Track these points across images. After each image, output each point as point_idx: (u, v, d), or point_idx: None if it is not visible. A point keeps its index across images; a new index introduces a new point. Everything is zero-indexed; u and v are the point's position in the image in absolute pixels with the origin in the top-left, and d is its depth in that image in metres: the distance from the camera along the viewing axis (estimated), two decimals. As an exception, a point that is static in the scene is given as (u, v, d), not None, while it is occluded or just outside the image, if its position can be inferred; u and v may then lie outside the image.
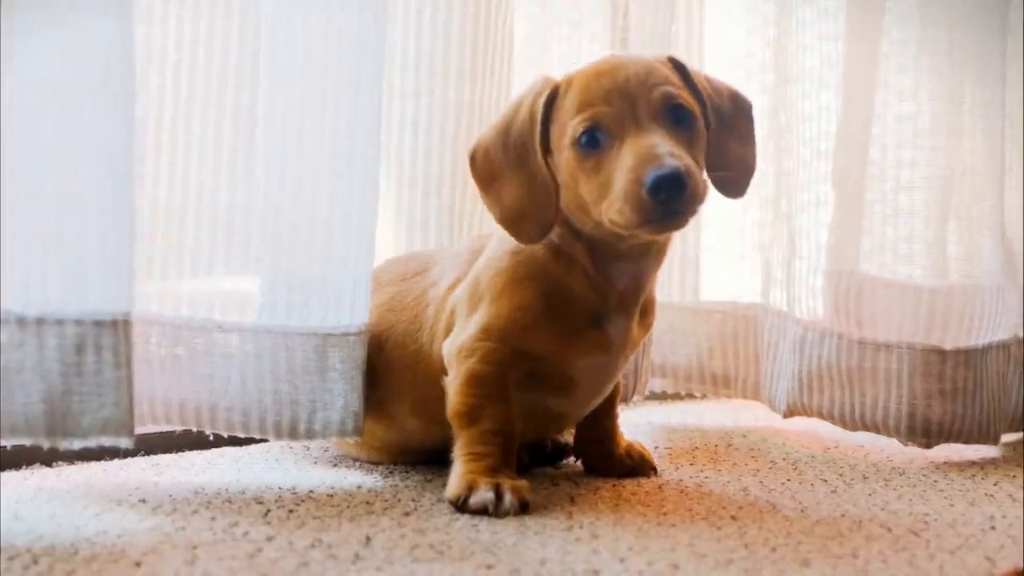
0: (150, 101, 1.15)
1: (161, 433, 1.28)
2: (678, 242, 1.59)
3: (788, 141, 1.50)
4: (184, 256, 1.16)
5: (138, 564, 0.87)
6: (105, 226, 0.99)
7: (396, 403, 1.18)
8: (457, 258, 1.19)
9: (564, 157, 1.06)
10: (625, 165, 1.01)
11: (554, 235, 1.11)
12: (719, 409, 1.71)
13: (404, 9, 1.35)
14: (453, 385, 1.11)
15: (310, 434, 1.15)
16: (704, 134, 1.09)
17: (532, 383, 1.12)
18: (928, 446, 1.39)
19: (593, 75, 1.07)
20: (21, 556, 0.88)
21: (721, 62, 1.61)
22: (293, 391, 1.14)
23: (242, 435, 1.16)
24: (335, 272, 1.15)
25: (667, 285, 1.59)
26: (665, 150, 1.00)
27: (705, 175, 1.08)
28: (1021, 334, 1.49)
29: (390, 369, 1.18)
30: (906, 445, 1.40)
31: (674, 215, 1.00)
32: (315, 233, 1.14)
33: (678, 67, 1.11)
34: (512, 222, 1.09)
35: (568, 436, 1.30)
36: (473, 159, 1.12)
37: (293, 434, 1.15)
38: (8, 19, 0.95)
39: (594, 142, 1.04)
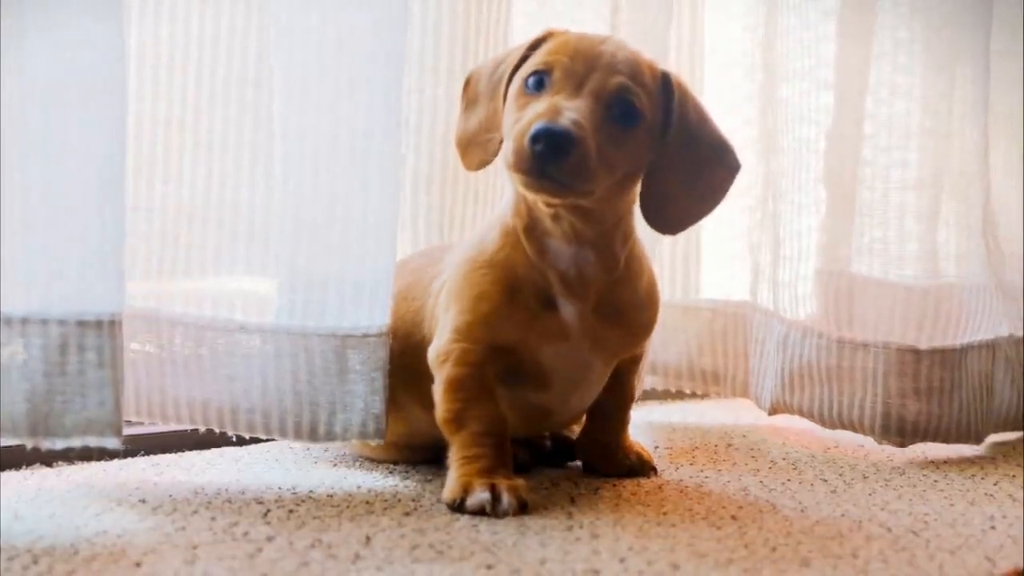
0: (173, 99, 1.15)
1: (161, 433, 1.28)
2: (669, 242, 1.59)
3: (779, 142, 1.49)
4: (206, 255, 1.17)
5: (138, 564, 0.87)
6: (92, 227, 0.99)
7: (404, 391, 1.18)
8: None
9: (511, 92, 1.08)
10: (533, 111, 1.02)
11: (510, 212, 1.12)
12: (719, 409, 1.71)
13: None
14: (437, 392, 1.11)
15: (330, 436, 1.15)
16: (645, 144, 1.07)
17: (511, 378, 1.12)
18: (902, 445, 1.40)
19: (578, 36, 1.09)
20: (21, 556, 0.88)
21: (720, 61, 1.61)
22: (312, 392, 1.14)
23: (263, 436, 1.17)
24: (353, 272, 1.15)
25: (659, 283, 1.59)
26: (569, 114, 1.01)
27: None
28: (1018, 334, 1.49)
29: (401, 356, 1.18)
30: (880, 444, 1.41)
31: (546, 175, 1.00)
32: (333, 232, 1.14)
33: (665, 82, 1.10)
34: (464, 145, 1.14)
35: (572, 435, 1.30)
36: (467, 82, 1.16)
37: (313, 436, 1.15)
38: (4, 19, 0.95)
39: (539, 85, 1.06)
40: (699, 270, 1.63)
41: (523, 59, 1.10)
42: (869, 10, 1.45)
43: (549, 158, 0.99)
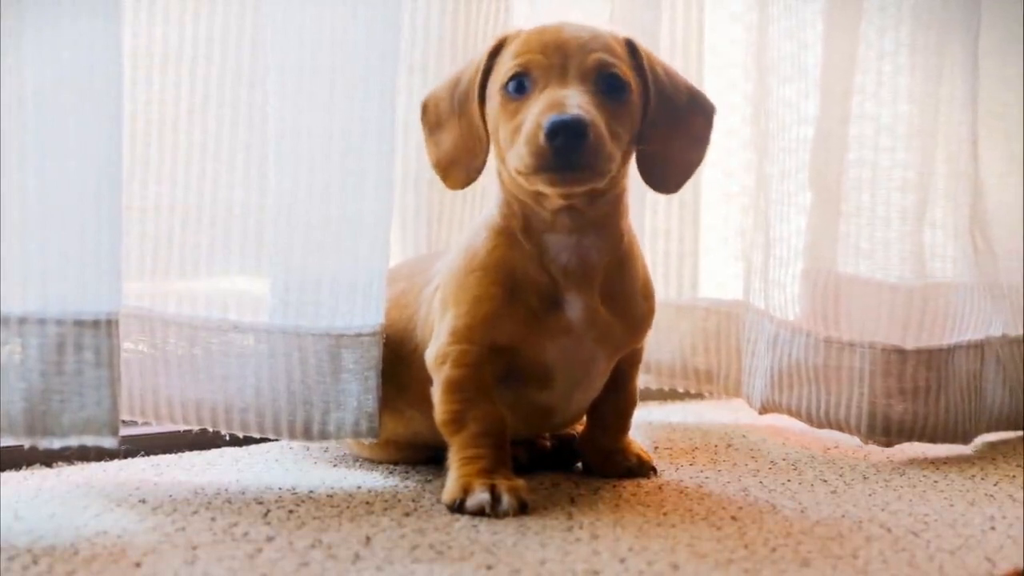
0: (167, 100, 1.15)
1: (161, 433, 1.28)
2: (662, 241, 1.59)
3: (773, 143, 1.49)
4: (200, 255, 1.17)
5: (138, 564, 0.87)
6: (90, 227, 0.99)
7: (401, 395, 1.18)
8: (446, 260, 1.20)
9: (493, 103, 1.08)
10: (534, 111, 1.02)
11: (498, 213, 1.12)
12: (719, 409, 1.70)
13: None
14: (435, 394, 1.11)
15: (324, 435, 1.16)
16: (636, 111, 1.09)
17: (512, 378, 1.12)
18: (888, 444, 1.40)
19: (538, 30, 1.09)
20: (21, 556, 0.88)
21: (721, 61, 1.61)
22: (306, 391, 1.15)
23: (257, 435, 1.17)
24: (348, 271, 1.15)
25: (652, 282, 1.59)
26: (574, 102, 1.01)
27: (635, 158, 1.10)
28: (1011, 334, 1.49)
29: (396, 363, 1.18)
30: (866, 443, 1.41)
31: (571, 166, 1.00)
32: (328, 232, 1.14)
33: (631, 48, 1.11)
34: (444, 167, 1.13)
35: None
36: (425, 107, 1.15)
37: (307, 435, 1.16)
38: (4, 20, 0.95)
39: (520, 89, 1.06)
40: (696, 269, 1.63)
41: (487, 68, 1.10)
42: (856, 11, 1.45)
43: (570, 148, 0.99)
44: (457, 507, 1.05)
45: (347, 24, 1.13)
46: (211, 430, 1.17)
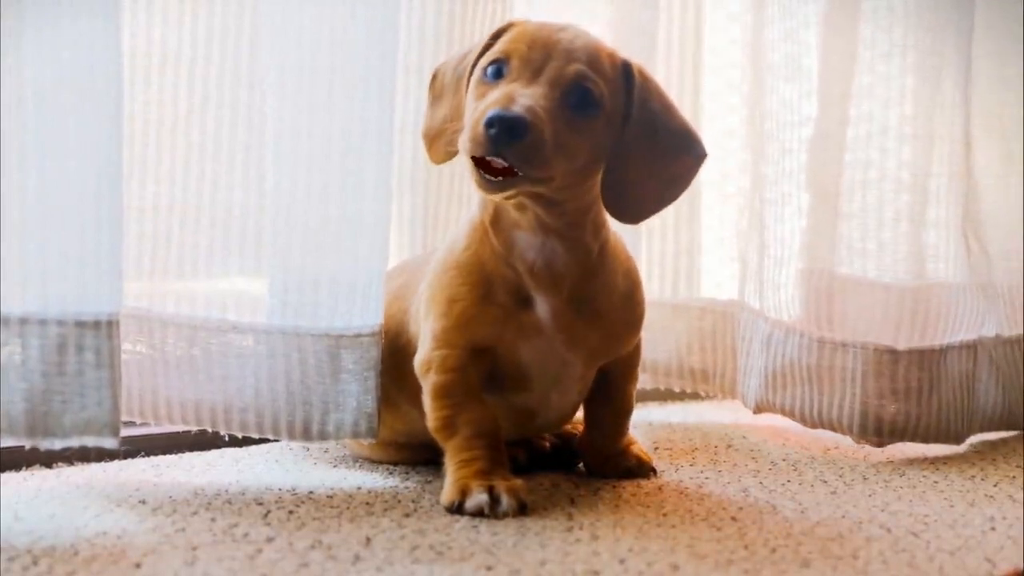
0: (165, 100, 1.15)
1: (161, 434, 1.28)
2: (658, 241, 1.59)
3: (769, 144, 1.49)
4: (199, 256, 1.17)
5: (138, 565, 0.87)
6: (90, 227, 0.99)
7: (398, 391, 1.18)
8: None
9: (472, 83, 1.08)
10: (489, 99, 1.02)
11: (479, 206, 1.12)
12: (719, 409, 1.70)
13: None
14: (425, 401, 1.11)
15: (323, 435, 1.16)
16: (606, 133, 1.07)
17: (491, 382, 1.12)
18: (880, 444, 1.40)
19: (538, 24, 1.09)
20: (21, 557, 0.88)
21: (720, 62, 1.61)
22: (305, 392, 1.15)
23: (256, 436, 1.17)
24: (347, 272, 1.15)
25: (648, 281, 1.59)
26: (524, 100, 1.01)
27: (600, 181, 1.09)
28: (1005, 334, 1.49)
29: (391, 356, 1.18)
30: (858, 443, 1.42)
31: (502, 158, 0.99)
32: (327, 232, 1.14)
33: (626, 71, 1.09)
34: (431, 138, 1.14)
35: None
36: (434, 76, 1.16)
37: (307, 435, 1.16)
38: (4, 20, 0.95)
39: (497, 74, 1.06)
40: (692, 268, 1.63)
41: (486, 49, 1.10)
42: (854, 12, 1.45)
43: (503, 142, 0.98)
44: (456, 509, 1.05)
45: (346, 24, 1.13)
46: (211, 431, 1.17)
